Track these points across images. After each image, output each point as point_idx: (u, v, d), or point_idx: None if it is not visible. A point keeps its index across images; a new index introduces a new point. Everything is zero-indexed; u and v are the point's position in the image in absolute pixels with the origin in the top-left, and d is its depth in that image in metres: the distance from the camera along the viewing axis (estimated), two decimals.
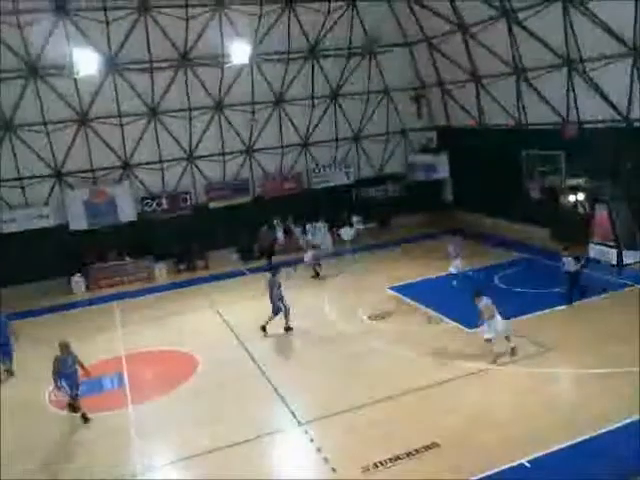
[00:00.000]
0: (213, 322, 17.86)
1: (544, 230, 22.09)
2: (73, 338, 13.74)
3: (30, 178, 23.37)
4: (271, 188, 27.03)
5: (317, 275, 21.38)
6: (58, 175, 23.84)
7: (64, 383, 12.28)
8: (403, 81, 27.85)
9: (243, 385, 13.24)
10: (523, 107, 22.55)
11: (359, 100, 27.67)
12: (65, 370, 12.28)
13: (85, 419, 12.30)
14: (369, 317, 16.50)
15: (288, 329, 16.09)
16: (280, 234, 26.03)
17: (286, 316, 16.09)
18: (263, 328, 16.07)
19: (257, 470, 9.95)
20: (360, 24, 25.75)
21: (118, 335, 17.58)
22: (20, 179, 23.22)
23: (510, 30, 21.06)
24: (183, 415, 12.19)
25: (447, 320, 15.53)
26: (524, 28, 20.38)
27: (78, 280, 23.20)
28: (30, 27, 21.04)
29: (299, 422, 11.29)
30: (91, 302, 21.79)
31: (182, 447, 10.98)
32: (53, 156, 23.50)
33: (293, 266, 21.05)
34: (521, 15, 20.22)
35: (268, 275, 17.12)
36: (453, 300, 16.46)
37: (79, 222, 23.84)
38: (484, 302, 12.80)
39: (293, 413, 11.63)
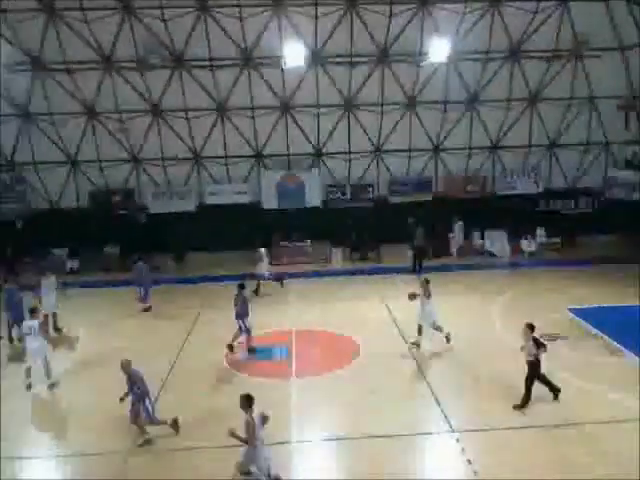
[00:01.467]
0: (379, 314, 18.35)
1: None
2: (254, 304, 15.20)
3: (235, 157, 25.96)
4: (453, 189, 26.79)
5: None
6: (258, 156, 26.13)
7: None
8: (611, 88, 25.54)
9: (400, 380, 13.51)
10: None
11: (559, 105, 26.05)
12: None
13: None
14: (540, 336, 15.71)
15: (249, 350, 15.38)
16: (459, 235, 25.83)
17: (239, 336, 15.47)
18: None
19: (403, 468, 10.05)
20: (569, 25, 24.19)
21: (291, 311, 18.92)
22: (226, 157, 25.91)
23: None
24: (338, 397, 12.71)
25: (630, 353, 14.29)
26: None
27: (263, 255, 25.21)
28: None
29: (452, 429, 11.22)
30: (271, 276, 23.61)
31: (331, 427, 11.46)
32: (255, 138, 25.80)
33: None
34: None
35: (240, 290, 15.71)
36: None
37: (271, 201, 26.03)
38: None
39: (448, 419, 11.58)
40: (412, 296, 15.17)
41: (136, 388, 10.94)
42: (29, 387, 13.50)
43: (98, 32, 22.94)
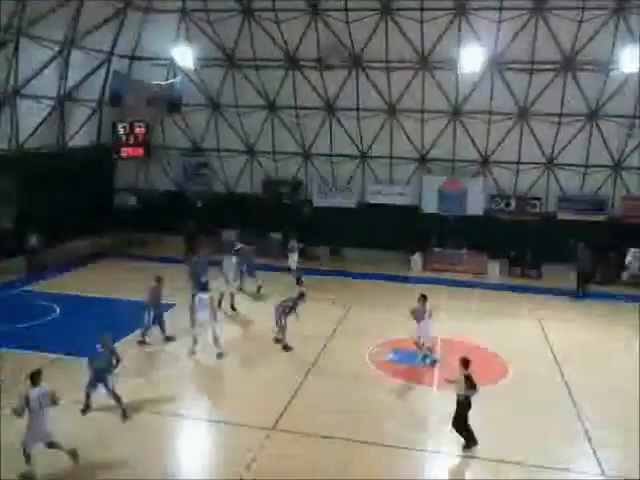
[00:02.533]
0: (533, 334, 17.63)
1: None
2: (403, 307, 15.40)
3: (399, 158, 26.26)
4: (633, 212, 24.55)
5: None
6: (422, 159, 26.17)
7: None
8: None
9: (548, 408, 12.92)
10: None
11: None
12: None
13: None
14: None
15: None
16: (635, 264, 23.70)
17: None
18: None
19: None
20: None
21: (439, 318, 18.77)
22: (391, 158, 26.30)
23: None
24: (478, 413, 12.19)
25: None
26: None
27: (417, 259, 25.37)
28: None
29: (604, 473, 10.43)
30: (423, 280, 23.59)
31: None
32: (422, 141, 25.83)
33: None
34: None
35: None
36: None
37: (430, 205, 25.94)
38: None
39: (599, 461, 10.76)
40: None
41: None
42: (192, 353, 15.01)
43: (286, 32, 24.51)
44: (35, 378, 9.74)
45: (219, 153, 27.72)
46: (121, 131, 25.45)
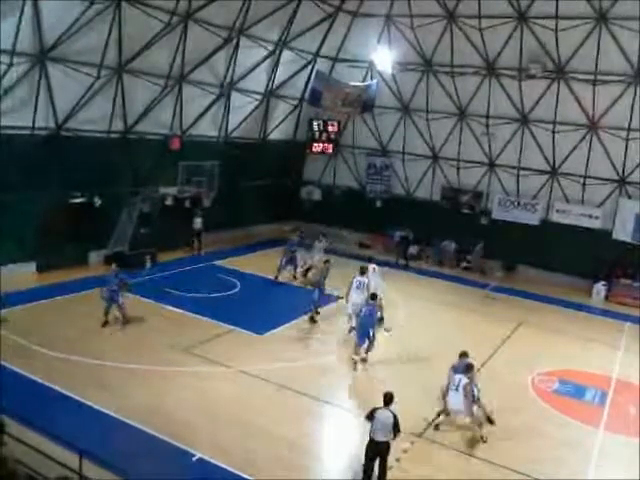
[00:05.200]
0: None
1: None
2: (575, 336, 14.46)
3: (594, 178, 24.40)
4: None
5: None
6: (621, 181, 24.02)
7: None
8: None
9: None
10: None
11: None
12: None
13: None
14: None
15: None
16: None
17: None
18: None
19: None
20: None
21: (617, 355, 17.35)
22: (585, 177, 24.51)
23: None
24: None
25: None
26: None
27: (600, 288, 23.48)
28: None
29: None
30: (603, 313, 21.89)
31: None
32: (624, 162, 23.66)
33: None
34: None
35: None
36: None
37: (624, 233, 23.75)
38: None
39: None
40: None
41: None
42: (350, 331, 15.88)
43: (488, 39, 24.06)
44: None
45: (403, 156, 28.16)
46: (315, 128, 27.08)
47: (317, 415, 12.26)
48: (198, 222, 23.86)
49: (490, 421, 11.92)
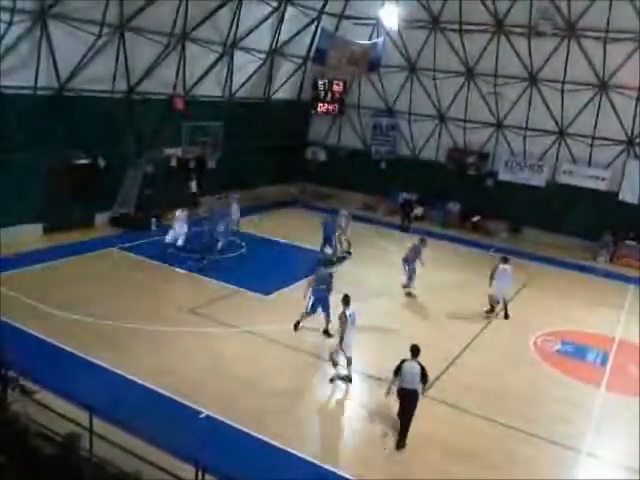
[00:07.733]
0: None
1: None
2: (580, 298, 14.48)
3: (602, 139, 24.09)
4: None
5: None
6: (630, 143, 23.73)
7: None
8: None
9: None
10: None
11: None
12: None
13: None
14: None
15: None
16: None
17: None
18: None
19: None
20: None
21: (620, 316, 17.44)
22: (593, 138, 24.21)
23: None
24: None
25: None
26: None
27: (605, 250, 23.49)
28: None
29: None
30: (608, 274, 21.93)
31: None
32: (633, 123, 23.27)
33: None
34: None
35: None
36: None
37: (631, 194, 23.59)
38: None
39: None
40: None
41: None
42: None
43: None
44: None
45: (409, 116, 27.79)
46: (321, 87, 26.68)
47: (322, 373, 12.44)
48: (192, 186, 23.73)
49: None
